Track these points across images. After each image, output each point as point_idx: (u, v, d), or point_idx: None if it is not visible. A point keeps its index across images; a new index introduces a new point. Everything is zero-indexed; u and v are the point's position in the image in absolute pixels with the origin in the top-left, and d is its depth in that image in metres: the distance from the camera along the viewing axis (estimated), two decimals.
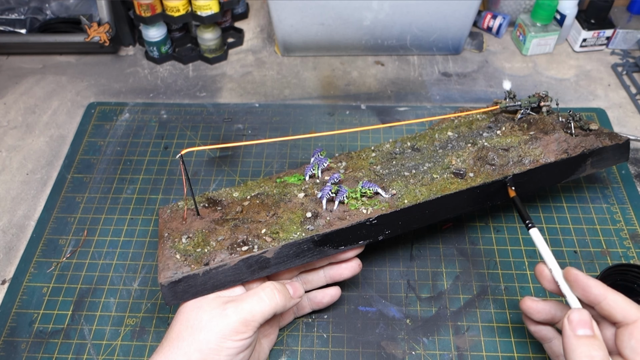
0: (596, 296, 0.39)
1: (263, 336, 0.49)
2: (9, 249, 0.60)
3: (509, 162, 0.53)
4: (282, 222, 0.48)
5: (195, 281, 0.44)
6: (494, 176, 0.51)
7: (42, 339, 0.52)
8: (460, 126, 0.59)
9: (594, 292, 0.39)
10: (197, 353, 0.41)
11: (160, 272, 0.45)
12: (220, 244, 0.47)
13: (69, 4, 0.84)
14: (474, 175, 0.51)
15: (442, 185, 0.50)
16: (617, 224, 0.60)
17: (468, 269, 0.57)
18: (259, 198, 0.51)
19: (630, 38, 0.82)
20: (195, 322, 0.42)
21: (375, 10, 0.76)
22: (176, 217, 0.51)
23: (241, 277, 0.45)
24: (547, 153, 0.53)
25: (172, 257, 0.46)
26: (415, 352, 0.51)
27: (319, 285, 0.52)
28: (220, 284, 0.45)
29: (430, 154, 0.55)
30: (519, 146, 0.54)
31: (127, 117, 0.74)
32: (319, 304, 0.52)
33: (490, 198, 0.52)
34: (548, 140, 0.54)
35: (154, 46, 0.81)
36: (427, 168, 0.53)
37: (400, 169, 0.53)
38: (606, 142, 0.55)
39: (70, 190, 0.65)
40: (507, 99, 0.60)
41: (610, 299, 0.39)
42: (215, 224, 0.49)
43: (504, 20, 0.85)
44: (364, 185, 0.49)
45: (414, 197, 0.49)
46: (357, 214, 0.48)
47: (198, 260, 0.45)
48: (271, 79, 0.81)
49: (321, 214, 0.48)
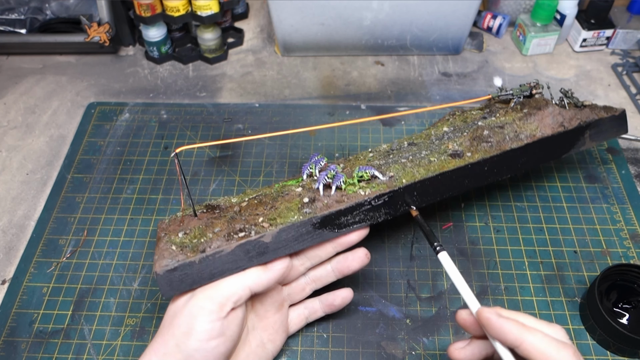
0: (512, 341, 0.36)
1: (268, 340, 0.48)
2: (9, 249, 0.60)
3: (505, 138, 0.52)
4: (280, 211, 0.47)
5: (191, 269, 0.43)
6: (492, 152, 0.50)
7: (42, 339, 0.52)
8: (455, 122, 0.60)
9: (508, 337, 0.36)
10: (172, 338, 0.41)
11: (155, 262, 0.44)
12: (217, 234, 0.45)
13: (69, 4, 0.84)
14: (471, 154, 0.51)
15: (439, 165, 0.50)
16: (617, 224, 0.60)
17: (468, 269, 0.57)
18: (257, 199, 0.51)
19: (630, 38, 0.82)
20: (173, 309, 0.43)
21: (375, 10, 0.76)
22: (174, 223, 0.50)
23: (239, 264, 0.44)
24: (543, 127, 0.53)
25: (168, 248, 0.45)
26: (415, 352, 0.51)
27: (328, 281, 0.50)
28: (218, 272, 0.44)
29: (427, 145, 0.55)
30: (514, 122, 0.54)
31: (127, 117, 0.74)
32: (331, 306, 0.50)
33: (491, 174, 0.51)
34: (542, 114, 0.54)
35: (154, 46, 0.81)
36: (424, 155, 0.52)
37: (398, 159, 0.52)
38: (602, 114, 0.54)
39: (70, 190, 0.65)
40: (499, 93, 0.60)
41: (527, 342, 0.35)
42: (212, 219, 0.49)
43: (504, 20, 0.85)
44: (361, 169, 0.49)
45: (412, 177, 0.48)
46: (355, 196, 0.47)
47: (194, 250, 0.44)
48: (271, 79, 0.81)
49: (319, 198, 0.47)
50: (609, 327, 0.48)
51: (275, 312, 0.48)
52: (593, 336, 0.51)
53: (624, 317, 0.52)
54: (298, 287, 0.50)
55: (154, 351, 0.41)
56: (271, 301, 0.48)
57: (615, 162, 0.67)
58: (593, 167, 0.66)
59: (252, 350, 0.46)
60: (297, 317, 0.50)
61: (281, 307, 0.49)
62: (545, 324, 0.37)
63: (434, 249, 0.43)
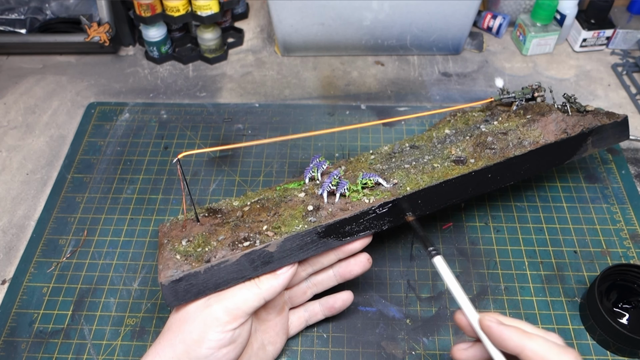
0: (513, 348, 0.35)
1: (269, 343, 0.48)
2: (9, 249, 0.60)
3: (508, 145, 0.52)
4: (284, 219, 0.47)
5: (196, 279, 0.43)
6: (495, 159, 0.50)
7: (42, 339, 0.52)
8: (457, 124, 0.60)
9: (509, 345, 0.35)
10: (181, 344, 0.41)
11: (160, 272, 0.44)
12: (221, 243, 0.45)
13: (69, 4, 0.84)
14: (474, 160, 0.51)
15: (443, 172, 0.50)
16: (617, 224, 0.60)
17: (468, 269, 0.57)
18: (260, 202, 0.51)
19: (630, 38, 0.82)
20: (183, 314, 0.43)
21: (375, 10, 0.76)
22: (175, 227, 0.50)
23: (244, 274, 0.44)
24: (546, 134, 0.53)
25: (172, 257, 0.45)
26: (415, 352, 0.51)
27: (330, 285, 0.50)
28: (223, 281, 0.44)
29: (429, 149, 0.55)
30: (517, 129, 0.54)
31: (127, 117, 0.74)
32: (332, 309, 0.50)
33: (494, 181, 0.51)
34: (546, 121, 0.54)
35: (154, 46, 0.81)
36: (427, 160, 0.52)
37: (401, 163, 0.52)
38: (604, 121, 0.54)
39: (70, 190, 0.65)
40: (501, 96, 0.60)
41: (528, 349, 0.35)
42: (215, 226, 0.48)
43: (504, 20, 0.85)
44: (365, 176, 0.48)
45: (416, 184, 0.48)
46: (359, 204, 0.47)
47: (199, 259, 0.44)
48: (271, 79, 0.81)
49: (323, 206, 0.47)
50: (609, 327, 0.48)
51: (276, 315, 0.48)
52: (593, 336, 0.51)
53: (624, 317, 0.52)
54: (299, 291, 0.50)
55: (158, 353, 0.41)
56: (273, 305, 0.48)
57: (615, 162, 0.67)
58: (593, 167, 0.66)
59: (253, 353, 0.46)
60: (297, 320, 0.50)
61: (282, 311, 0.49)
62: (543, 332, 0.37)
63: (428, 254, 0.43)
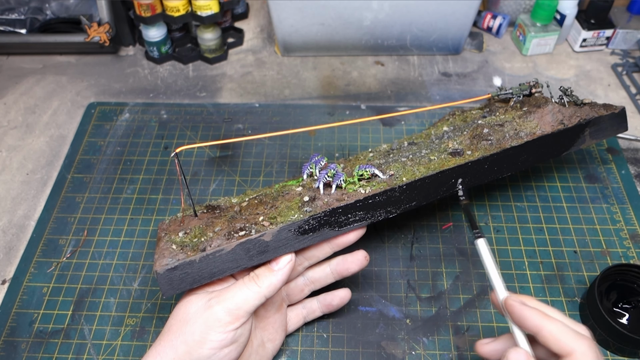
0: (532, 328, 0.37)
1: (268, 340, 0.48)
2: (9, 249, 0.60)
3: (505, 136, 0.52)
4: (280, 210, 0.47)
5: (191, 268, 0.43)
6: (492, 150, 0.50)
7: (42, 339, 0.52)
8: (455, 122, 0.60)
9: (528, 324, 0.37)
10: (183, 345, 0.41)
11: (156, 261, 0.44)
12: (217, 234, 0.45)
13: (69, 4, 0.84)
14: (471, 152, 0.51)
15: (439, 163, 0.50)
16: (617, 224, 0.60)
17: (468, 269, 0.57)
18: (258, 198, 0.51)
19: (630, 38, 0.82)
20: (184, 315, 0.43)
21: (375, 10, 0.76)
22: (174, 223, 0.50)
23: (239, 264, 0.44)
24: (543, 125, 0.53)
25: (168, 248, 0.45)
26: (415, 352, 0.51)
27: (327, 282, 0.50)
28: (218, 270, 0.43)
29: (427, 144, 0.55)
30: (514, 120, 0.54)
31: (127, 117, 0.74)
32: (329, 306, 0.51)
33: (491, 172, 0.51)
34: (542, 112, 0.54)
35: (154, 46, 0.81)
36: (424, 154, 0.52)
37: (398, 158, 0.52)
38: (602, 112, 0.54)
39: (70, 190, 0.65)
40: (499, 92, 0.60)
41: (546, 330, 0.36)
42: (213, 219, 0.49)
43: (504, 20, 0.85)
44: (361, 168, 0.48)
45: (412, 175, 0.48)
46: (355, 195, 0.47)
47: (195, 249, 0.44)
48: (271, 79, 0.81)
49: (319, 197, 0.47)
50: (608, 327, 0.48)
51: (274, 313, 0.48)
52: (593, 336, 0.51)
53: (623, 317, 0.52)
54: (297, 289, 0.50)
55: (159, 354, 0.41)
56: (271, 302, 0.48)
57: (615, 162, 0.67)
58: (593, 167, 0.66)
59: (253, 350, 0.46)
60: (295, 317, 0.51)
61: (280, 307, 0.49)
62: (566, 318, 0.38)
63: (473, 235, 0.44)
